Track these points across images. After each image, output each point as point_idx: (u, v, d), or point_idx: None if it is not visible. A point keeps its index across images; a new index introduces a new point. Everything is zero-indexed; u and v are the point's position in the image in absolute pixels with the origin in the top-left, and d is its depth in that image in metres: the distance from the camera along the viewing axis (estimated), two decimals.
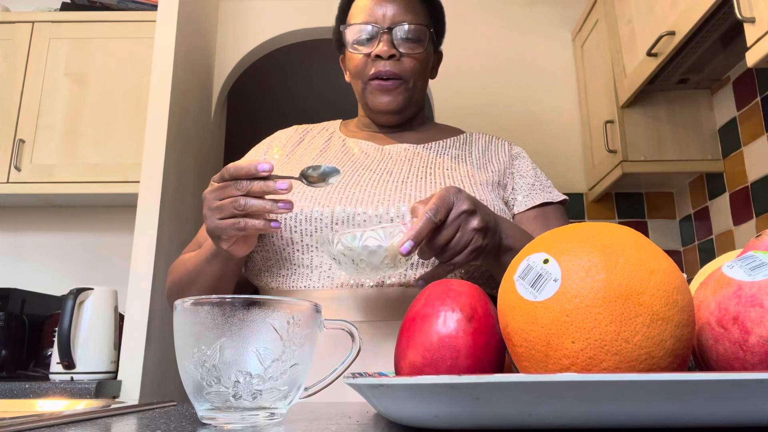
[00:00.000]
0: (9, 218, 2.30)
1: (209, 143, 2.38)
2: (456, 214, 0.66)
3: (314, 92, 3.88)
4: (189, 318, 0.41)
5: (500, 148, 0.96)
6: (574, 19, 2.45)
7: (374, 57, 0.89)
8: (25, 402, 1.38)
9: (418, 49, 0.90)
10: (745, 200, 1.80)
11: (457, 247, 0.66)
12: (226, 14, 2.51)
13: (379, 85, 0.89)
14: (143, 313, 1.73)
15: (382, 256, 0.63)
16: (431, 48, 0.95)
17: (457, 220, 0.66)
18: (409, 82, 0.90)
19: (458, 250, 0.66)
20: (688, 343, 0.36)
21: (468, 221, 0.67)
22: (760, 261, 0.38)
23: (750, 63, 1.23)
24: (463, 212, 0.66)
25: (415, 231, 0.62)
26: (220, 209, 0.69)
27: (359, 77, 0.91)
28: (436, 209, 0.64)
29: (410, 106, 0.93)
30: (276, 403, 0.41)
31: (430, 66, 0.96)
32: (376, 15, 0.89)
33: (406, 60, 0.89)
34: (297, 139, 0.99)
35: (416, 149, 0.92)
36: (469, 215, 0.67)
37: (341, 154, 0.92)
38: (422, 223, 0.63)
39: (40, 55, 2.11)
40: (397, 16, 0.89)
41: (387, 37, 0.88)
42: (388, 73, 0.88)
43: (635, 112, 1.96)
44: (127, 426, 0.40)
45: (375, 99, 0.91)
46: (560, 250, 0.37)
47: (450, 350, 0.41)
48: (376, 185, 0.83)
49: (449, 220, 0.65)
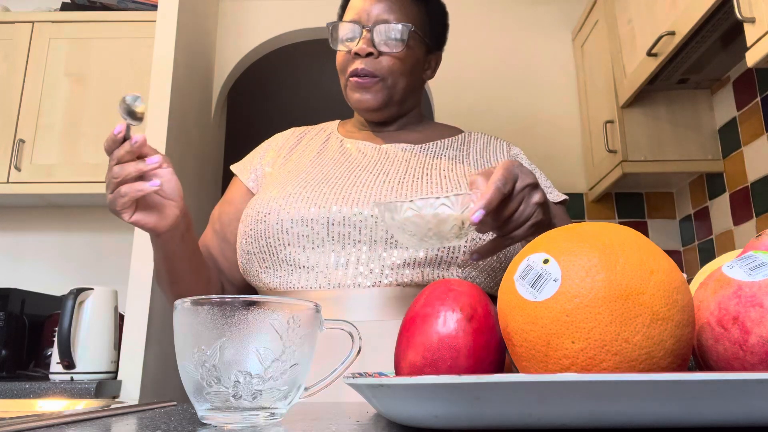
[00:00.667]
0: (9, 218, 2.30)
1: (209, 143, 2.38)
2: (521, 187, 0.65)
3: (314, 92, 3.88)
4: (189, 318, 0.41)
5: (499, 148, 0.97)
6: (574, 19, 2.45)
7: (354, 54, 0.90)
8: (25, 402, 1.38)
9: (398, 48, 0.90)
10: (745, 200, 1.80)
11: (520, 219, 0.66)
12: (226, 14, 2.51)
13: (356, 82, 0.91)
14: (143, 313, 1.73)
15: (451, 225, 0.62)
16: (419, 48, 0.94)
17: (521, 193, 0.66)
18: (387, 80, 0.91)
19: (520, 223, 0.66)
20: (688, 343, 0.36)
21: (531, 195, 0.67)
22: (760, 261, 0.38)
23: (750, 63, 1.23)
24: (527, 186, 0.66)
25: (486, 200, 0.61)
26: (108, 185, 0.71)
27: (342, 73, 0.94)
28: (504, 180, 0.63)
29: (391, 105, 0.93)
30: (276, 403, 0.41)
31: (417, 65, 0.95)
32: (360, 14, 0.91)
33: (385, 59, 0.90)
34: (294, 141, 1.00)
35: (413, 149, 0.93)
36: (532, 189, 0.67)
37: (339, 155, 0.93)
38: (492, 192, 0.62)
39: (40, 55, 2.11)
40: (381, 15, 0.90)
41: (367, 36, 0.90)
42: (364, 71, 0.90)
43: (635, 112, 1.96)
44: (127, 426, 0.40)
45: (353, 95, 0.92)
46: (560, 250, 0.37)
47: (450, 350, 0.41)
48: (372, 186, 0.84)
49: (515, 191, 0.65)
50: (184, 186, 2.06)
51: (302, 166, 0.91)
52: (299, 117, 4.20)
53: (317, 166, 0.90)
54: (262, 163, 0.97)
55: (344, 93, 0.95)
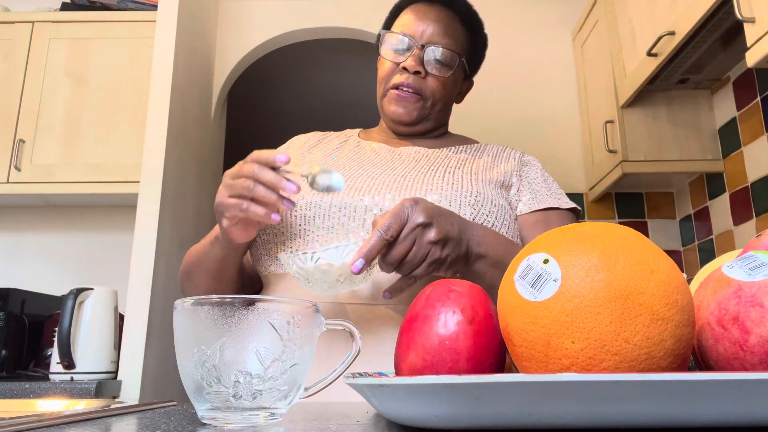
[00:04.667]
0: (9, 218, 2.30)
1: (209, 143, 2.38)
2: (410, 228, 0.65)
3: (314, 92, 3.88)
4: (189, 318, 0.41)
5: (511, 154, 0.97)
6: (574, 19, 2.45)
7: (401, 68, 0.91)
8: (25, 402, 1.38)
9: (445, 73, 0.92)
10: (745, 200, 1.80)
11: (414, 260, 0.66)
12: (226, 14, 2.51)
13: (397, 95, 0.92)
14: (143, 313, 1.73)
15: (335, 275, 0.64)
16: (459, 75, 0.97)
17: (412, 234, 0.65)
18: (428, 101, 0.93)
19: (416, 264, 0.66)
20: (688, 343, 0.36)
21: (423, 234, 0.66)
22: (760, 261, 0.38)
23: (750, 63, 1.23)
24: (418, 225, 0.66)
25: (365, 249, 0.63)
26: (230, 187, 0.71)
27: (383, 82, 0.95)
28: (387, 226, 0.64)
29: (424, 122, 0.95)
30: (276, 403, 0.41)
31: (453, 91, 0.97)
32: (415, 30, 0.92)
33: (430, 79, 0.91)
34: (314, 141, 1.02)
35: (426, 152, 0.94)
36: (424, 228, 0.66)
37: (353, 153, 0.94)
38: (373, 240, 0.63)
39: (40, 55, 2.11)
40: (434, 37, 0.91)
41: (418, 53, 0.91)
42: (409, 86, 0.91)
43: (635, 112, 1.96)
44: (127, 426, 0.40)
45: (391, 107, 0.93)
46: (560, 250, 0.37)
47: (450, 353, 0.41)
48: (376, 177, 0.85)
49: (403, 234, 0.65)
50: (185, 186, 2.06)
51: (315, 161, 0.94)
52: (299, 117, 4.20)
53: (328, 161, 0.92)
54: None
55: (379, 101, 0.96)
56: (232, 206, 0.71)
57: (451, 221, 0.70)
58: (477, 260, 0.73)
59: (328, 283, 0.65)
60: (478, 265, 0.74)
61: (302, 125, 4.25)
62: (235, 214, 0.72)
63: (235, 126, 3.93)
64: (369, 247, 0.63)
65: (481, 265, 0.74)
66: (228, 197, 0.71)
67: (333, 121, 4.20)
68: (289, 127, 4.30)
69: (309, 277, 0.66)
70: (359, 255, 0.63)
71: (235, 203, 0.71)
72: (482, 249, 0.73)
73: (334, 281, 0.65)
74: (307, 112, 4.13)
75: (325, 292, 0.67)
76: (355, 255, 0.63)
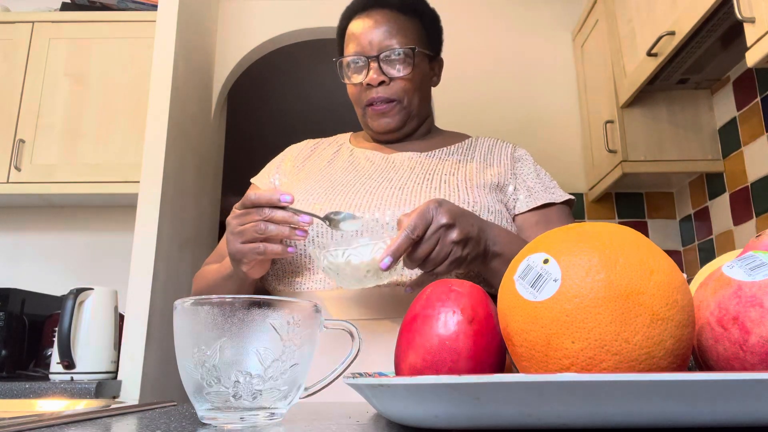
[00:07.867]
0: (9, 218, 2.30)
1: (209, 143, 2.38)
2: (435, 229, 0.69)
3: (314, 92, 3.88)
4: (189, 318, 0.41)
5: (503, 150, 0.98)
6: (574, 19, 2.45)
7: (366, 85, 0.92)
8: (25, 402, 1.38)
9: (407, 70, 0.92)
10: (745, 200, 1.80)
11: (437, 259, 0.70)
12: (226, 14, 2.51)
13: (374, 110, 0.94)
14: (143, 313, 1.73)
15: (364, 271, 0.69)
16: (424, 63, 0.97)
17: (436, 234, 0.70)
18: (403, 101, 0.94)
19: (438, 262, 0.71)
20: (688, 343, 0.36)
21: (447, 234, 0.70)
22: (760, 261, 0.38)
23: (750, 63, 1.23)
24: (442, 226, 0.70)
25: (393, 247, 0.67)
26: (242, 234, 0.74)
27: (357, 105, 0.96)
28: (414, 226, 0.68)
29: (410, 121, 0.97)
30: (276, 403, 0.41)
31: (425, 78, 0.97)
32: (363, 44, 0.92)
33: (396, 83, 0.92)
34: (308, 152, 1.03)
35: (419, 157, 0.95)
36: (447, 228, 0.70)
37: (347, 164, 0.95)
38: (401, 239, 0.67)
39: (40, 55, 2.11)
40: (383, 42, 0.92)
41: (375, 65, 0.91)
42: (380, 99, 0.92)
43: (635, 112, 1.96)
44: (127, 426, 0.40)
45: (373, 123, 0.95)
46: (560, 250, 0.37)
47: (450, 353, 0.41)
48: (374, 192, 0.86)
49: (428, 234, 0.69)
50: (185, 186, 2.06)
51: (312, 174, 0.95)
52: (299, 117, 4.19)
53: (326, 175, 0.93)
54: (279, 173, 1.00)
55: (362, 122, 0.98)
56: (249, 252, 0.73)
57: (471, 222, 0.73)
58: (493, 258, 0.77)
59: (357, 278, 0.70)
60: (494, 263, 0.77)
61: (302, 125, 4.25)
62: (253, 258, 0.74)
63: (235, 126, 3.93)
64: (397, 246, 0.67)
65: (496, 263, 0.77)
66: (241, 244, 0.74)
67: (333, 121, 4.20)
68: (289, 127, 4.30)
69: (339, 272, 0.70)
70: (387, 253, 0.67)
71: (252, 248, 0.73)
72: (498, 248, 0.77)
73: (362, 276, 0.69)
74: (307, 112, 4.13)
75: (352, 286, 0.72)
76: (383, 253, 0.67)
